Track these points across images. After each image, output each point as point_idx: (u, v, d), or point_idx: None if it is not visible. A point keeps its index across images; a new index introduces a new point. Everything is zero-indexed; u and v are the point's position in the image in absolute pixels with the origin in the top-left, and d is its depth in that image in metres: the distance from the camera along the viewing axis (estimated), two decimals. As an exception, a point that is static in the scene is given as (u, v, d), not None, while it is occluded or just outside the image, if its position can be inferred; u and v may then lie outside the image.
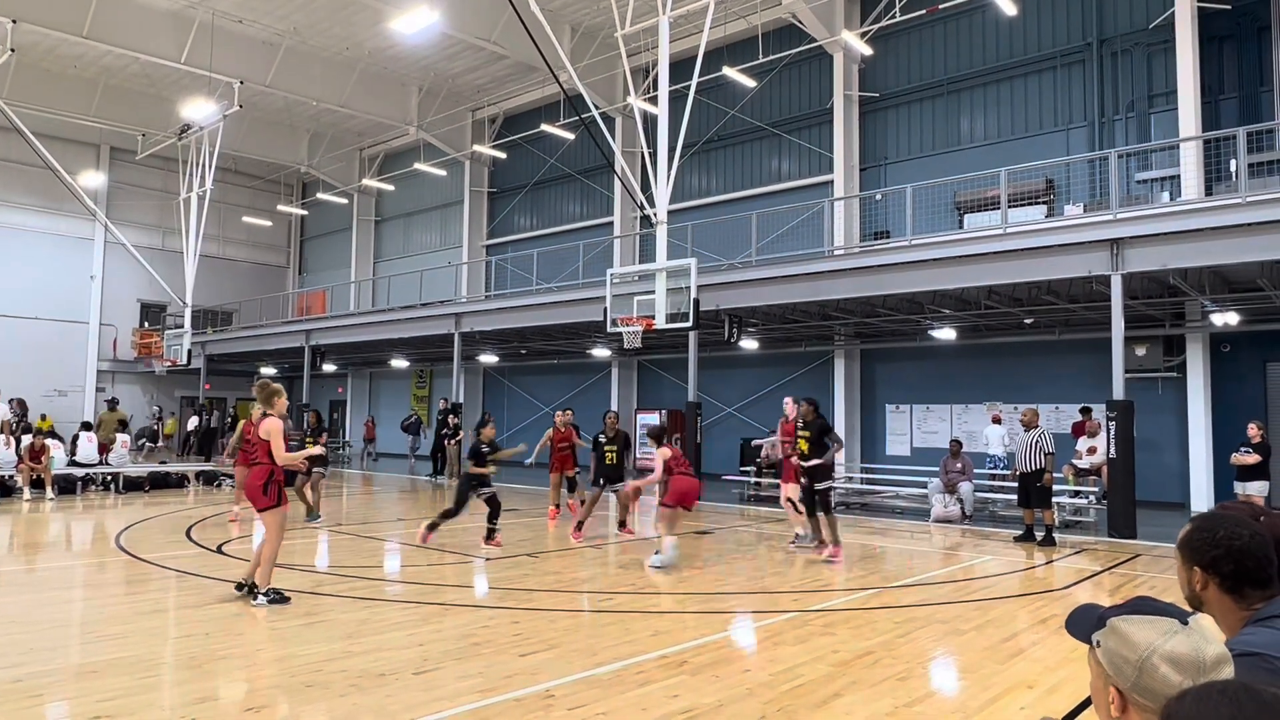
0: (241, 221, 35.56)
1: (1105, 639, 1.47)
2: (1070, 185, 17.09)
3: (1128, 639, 1.43)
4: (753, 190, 22.35)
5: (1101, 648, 1.48)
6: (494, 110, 28.92)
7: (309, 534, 11.50)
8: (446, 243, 31.06)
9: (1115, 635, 1.45)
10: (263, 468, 7.22)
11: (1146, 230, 12.01)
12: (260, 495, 7.18)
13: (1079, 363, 17.05)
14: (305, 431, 13.13)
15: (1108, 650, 1.46)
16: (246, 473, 7.39)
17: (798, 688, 5.04)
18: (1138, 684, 1.39)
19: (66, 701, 4.68)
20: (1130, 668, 1.41)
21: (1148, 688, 1.38)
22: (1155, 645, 1.39)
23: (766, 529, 13.11)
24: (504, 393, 28.92)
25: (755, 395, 22.19)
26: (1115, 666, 1.43)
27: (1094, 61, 17.39)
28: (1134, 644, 1.42)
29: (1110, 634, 1.47)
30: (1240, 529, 2.05)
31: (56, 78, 26.49)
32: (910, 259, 14.31)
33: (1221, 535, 2.03)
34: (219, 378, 33.58)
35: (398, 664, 5.37)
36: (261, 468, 7.23)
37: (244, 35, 23.75)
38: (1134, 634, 1.43)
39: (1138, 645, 1.41)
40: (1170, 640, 1.39)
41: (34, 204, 30.89)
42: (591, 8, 21.83)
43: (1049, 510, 11.34)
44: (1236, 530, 2.04)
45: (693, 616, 7.13)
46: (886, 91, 20.30)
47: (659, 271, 13.90)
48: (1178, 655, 1.37)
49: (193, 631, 6.24)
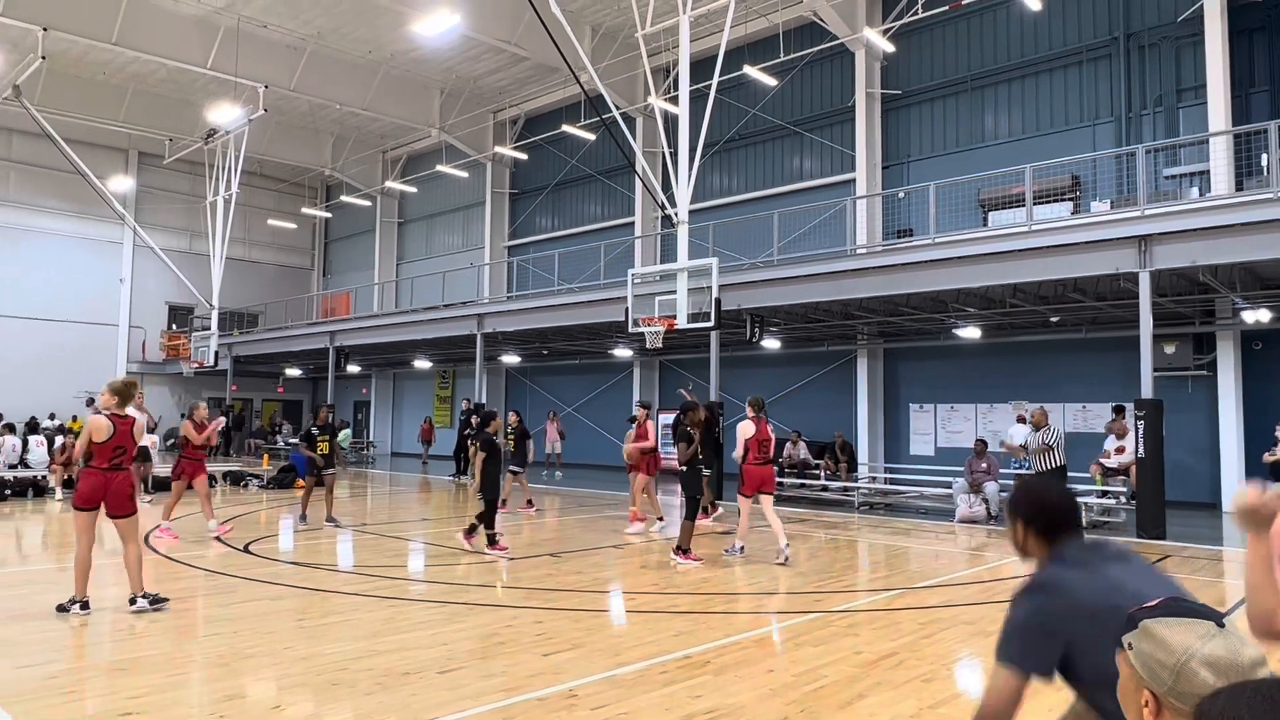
0: (267, 224, 35.95)
1: (1138, 642, 1.43)
2: (1097, 181, 16.88)
3: (1164, 643, 1.39)
4: (774, 189, 22.27)
5: (1134, 651, 1.44)
6: (515, 112, 29.03)
7: (331, 534, 11.59)
8: (469, 244, 31.22)
9: (1150, 639, 1.42)
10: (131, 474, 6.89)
11: (1175, 226, 11.84)
12: (129, 501, 6.82)
13: (1106, 361, 16.84)
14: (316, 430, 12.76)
15: (1141, 654, 1.42)
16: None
17: (821, 689, 5.02)
18: (1174, 688, 1.36)
19: (97, 699, 4.75)
20: (1167, 672, 1.37)
21: (1185, 692, 1.34)
22: (1193, 649, 1.36)
23: (789, 529, 13.05)
24: (526, 393, 29.01)
25: (778, 395, 22.10)
26: (1150, 670, 1.40)
27: (1120, 56, 17.16)
28: (1171, 648, 1.38)
29: (1144, 637, 1.43)
30: (1050, 488, 2.63)
31: (86, 84, 26.92)
32: (934, 257, 14.19)
33: (1035, 495, 2.60)
34: (245, 379, 33.97)
35: (422, 663, 5.41)
36: (130, 474, 6.90)
37: (269, 40, 24.01)
38: (1170, 638, 1.39)
39: (1174, 649, 1.38)
40: (1208, 644, 1.36)
41: (64, 208, 31.41)
42: (612, 8, 21.85)
43: None
44: (1046, 489, 2.62)
45: (715, 617, 7.11)
46: (909, 89, 20.15)
47: (680, 271, 13.88)
48: (1216, 659, 1.34)
49: (220, 630, 6.31)
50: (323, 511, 12.40)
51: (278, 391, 36.39)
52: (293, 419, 36.07)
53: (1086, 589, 2.31)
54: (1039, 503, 2.57)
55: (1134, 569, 2.40)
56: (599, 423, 25.80)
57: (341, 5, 22.39)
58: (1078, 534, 2.54)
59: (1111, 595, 2.22)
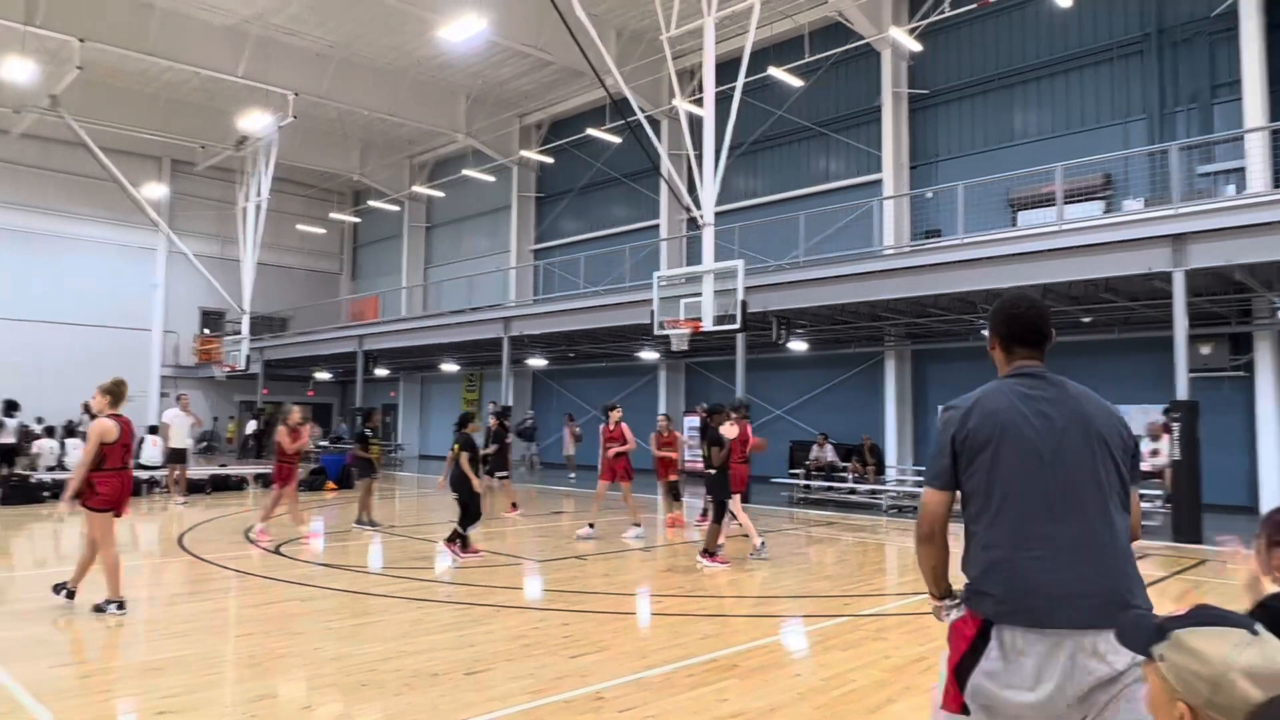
0: (296, 230, 36.39)
1: (1170, 654, 1.39)
2: (1129, 180, 16.63)
3: (1199, 654, 1.35)
4: (800, 191, 22.17)
5: (1166, 662, 1.39)
6: (541, 116, 29.16)
7: (360, 535, 11.70)
8: (495, 247, 31.40)
9: (1183, 650, 1.37)
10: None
11: (1210, 225, 11.63)
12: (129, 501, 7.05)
13: (1140, 362, 16.57)
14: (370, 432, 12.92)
15: (1175, 666, 1.38)
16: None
17: (849, 693, 4.98)
18: (1212, 700, 1.31)
19: (133, 697, 4.83)
20: (1204, 684, 1.33)
21: (1224, 705, 1.30)
22: (1230, 660, 1.32)
23: (816, 532, 12.99)
24: (552, 395, 29.11)
25: (804, 397, 22.00)
26: (1185, 683, 1.35)
27: (1153, 52, 16.89)
28: (1207, 659, 1.34)
29: (1177, 649, 1.38)
30: (1021, 301, 2.60)
31: (121, 94, 27.43)
32: (962, 258, 14.05)
33: (1007, 304, 2.60)
34: (276, 383, 34.38)
35: (450, 664, 5.44)
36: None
37: (298, 48, 24.33)
38: (1205, 648, 1.35)
39: (1211, 660, 1.33)
40: (1245, 653, 1.32)
41: (100, 216, 32.01)
42: (636, 11, 21.89)
43: None
44: (1018, 301, 2.60)
45: (742, 620, 7.09)
46: (936, 88, 19.98)
47: (706, 273, 13.86)
48: (1254, 668, 1.30)
49: (252, 630, 6.40)
50: (354, 513, 12.52)
51: (307, 395, 36.80)
52: (322, 422, 36.45)
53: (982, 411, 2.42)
54: (1003, 312, 2.59)
55: (1058, 407, 2.42)
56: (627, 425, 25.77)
57: (369, 12, 22.62)
58: (1035, 354, 2.54)
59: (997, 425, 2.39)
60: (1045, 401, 2.41)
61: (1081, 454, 2.35)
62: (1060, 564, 2.28)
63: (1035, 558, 2.30)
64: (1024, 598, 2.28)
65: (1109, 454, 2.37)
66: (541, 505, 16.20)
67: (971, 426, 2.42)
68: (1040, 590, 2.27)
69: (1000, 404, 2.42)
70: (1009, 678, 2.26)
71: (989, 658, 2.30)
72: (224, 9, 22.38)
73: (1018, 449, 2.36)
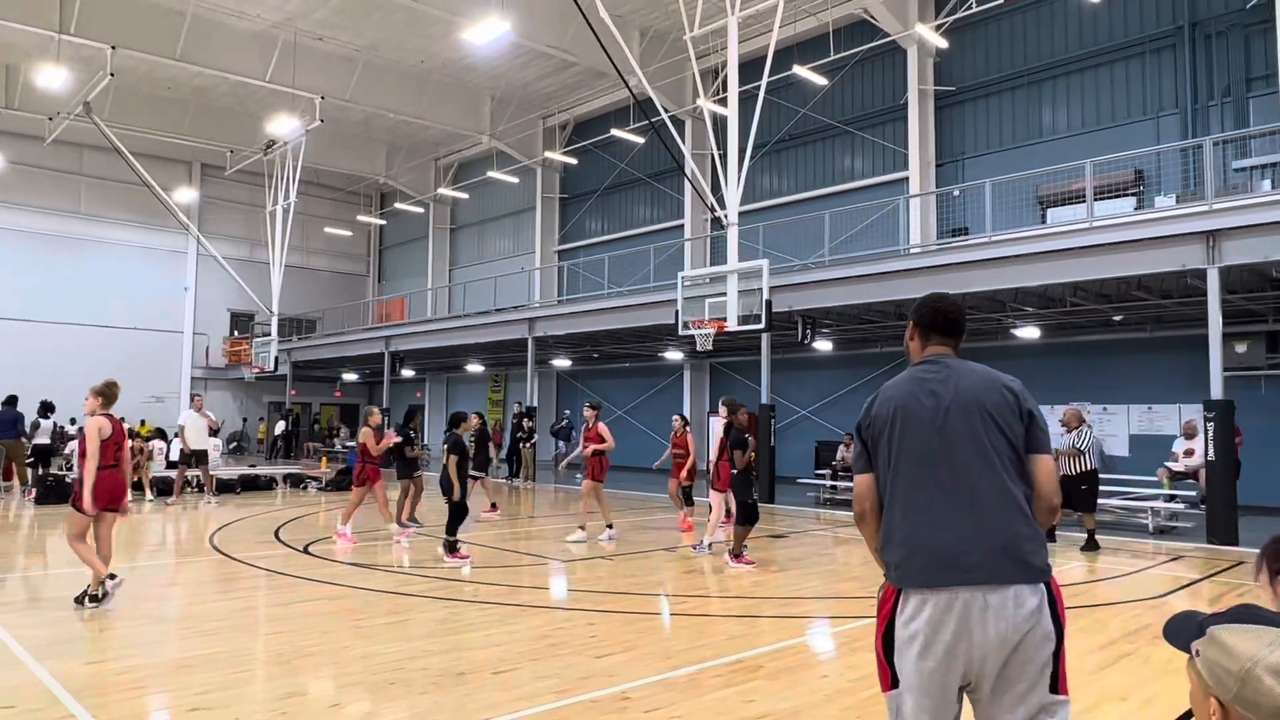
0: (323, 232, 36.77)
1: (1205, 649, 1.41)
2: (1161, 176, 16.36)
3: (1229, 649, 1.36)
4: (825, 189, 22.05)
5: (1201, 658, 1.41)
6: (564, 117, 29.24)
7: (388, 536, 11.78)
8: (519, 249, 31.53)
9: (1216, 645, 1.39)
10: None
11: (1245, 221, 11.40)
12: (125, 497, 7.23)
13: (1173, 361, 16.29)
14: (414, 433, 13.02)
15: (1208, 661, 1.39)
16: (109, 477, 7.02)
17: (877, 695, 4.92)
18: (1240, 695, 1.33)
19: (166, 694, 4.90)
20: (1232, 679, 1.34)
21: (1251, 700, 1.31)
22: (1259, 656, 1.33)
23: (842, 533, 12.91)
24: (577, 396, 29.17)
25: (830, 397, 21.88)
26: (1216, 677, 1.37)
27: (1185, 45, 16.61)
28: (1236, 655, 1.35)
29: (1210, 644, 1.40)
30: (945, 298, 2.76)
31: (152, 99, 27.87)
32: (990, 256, 13.90)
33: (931, 298, 2.77)
34: (304, 384, 34.79)
35: (476, 663, 5.46)
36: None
37: (324, 52, 24.58)
38: (1236, 644, 1.36)
39: (1240, 656, 1.34)
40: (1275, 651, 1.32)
41: (132, 220, 32.56)
42: (660, 11, 21.88)
43: (1090, 514, 11.15)
44: (942, 297, 2.76)
45: (768, 621, 7.05)
46: (963, 85, 19.78)
47: (730, 273, 13.82)
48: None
49: (280, 629, 6.46)
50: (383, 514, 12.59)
51: (335, 396, 37.18)
52: (350, 423, 36.82)
53: (882, 398, 2.63)
54: (927, 306, 2.75)
55: (945, 385, 2.56)
56: (650, 426, 25.81)
57: (394, 16, 22.81)
58: (945, 344, 2.70)
59: (894, 408, 2.58)
60: (936, 382, 2.58)
61: (964, 425, 2.49)
62: (944, 527, 2.44)
63: (921, 523, 2.48)
64: (914, 561, 2.46)
65: (994, 423, 2.49)
66: (565, 506, 16.23)
67: (874, 413, 2.64)
68: (926, 552, 2.44)
69: (897, 390, 2.63)
70: (912, 639, 2.42)
71: (898, 625, 2.48)
72: (252, 14, 22.68)
73: (910, 427, 2.55)
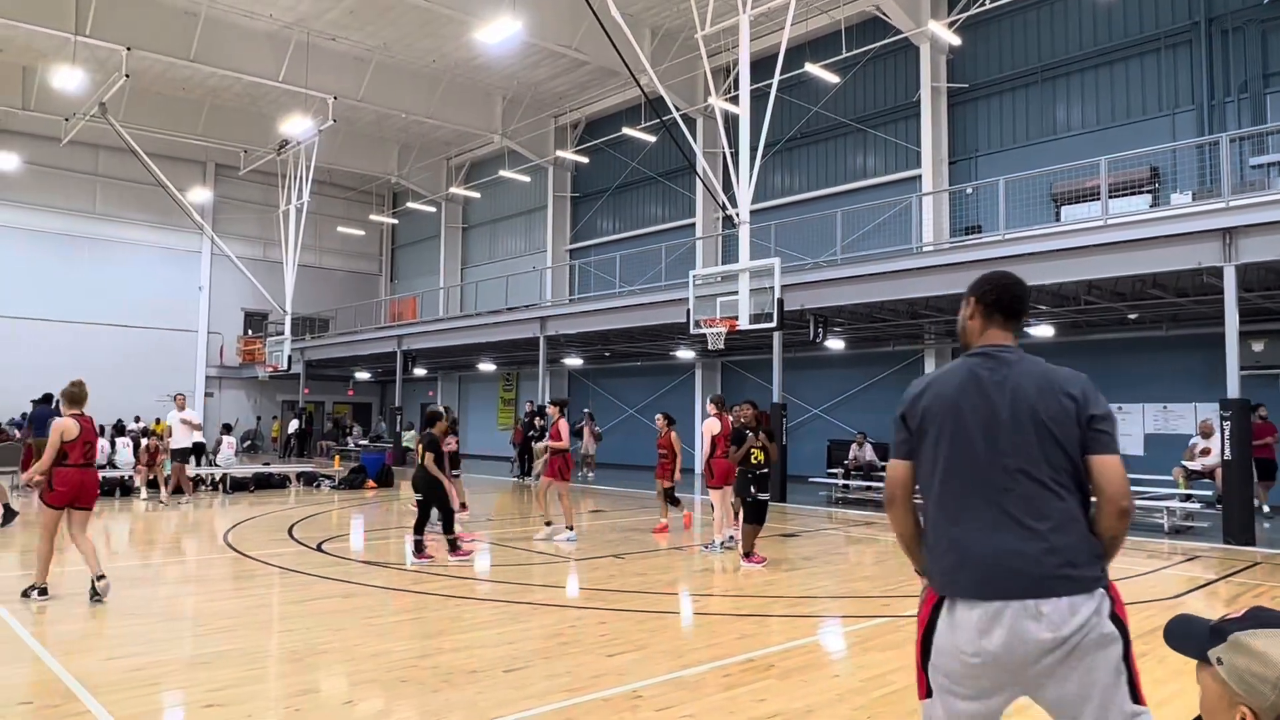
0: (336, 232, 36.93)
1: (1231, 656, 1.36)
2: (1177, 173, 16.22)
3: (1264, 656, 1.32)
4: (837, 187, 21.98)
5: (1226, 665, 1.36)
6: (576, 116, 29.26)
7: (399, 535, 11.82)
8: (531, 248, 31.58)
9: (1246, 653, 1.34)
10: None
11: (1263, 218, 11.29)
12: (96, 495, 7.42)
13: (1189, 359, 16.17)
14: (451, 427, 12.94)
15: (1237, 669, 1.34)
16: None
17: (890, 694, 4.92)
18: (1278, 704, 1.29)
19: (181, 690, 4.93)
20: (1269, 687, 1.30)
21: None
22: None
23: (854, 532, 12.87)
24: (588, 394, 29.19)
25: (842, 396, 21.82)
26: (1248, 686, 1.32)
27: (1201, 41, 16.47)
28: (1273, 662, 1.30)
29: (1238, 651, 1.35)
30: (1010, 276, 2.63)
31: (166, 100, 28.07)
32: (1003, 254, 13.80)
33: (996, 274, 2.62)
34: (317, 382, 34.95)
35: (488, 661, 5.47)
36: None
37: (337, 52, 24.69)
38: (1269, 650, 1.31)
39: (1275, 662, 1.30)
40: None
41: (147, 220, 32.79)
42: (671, 10, 21.86)
43: None
44: (1007, 274, 2.63)
45: (780, 620, 7.04)
46: (976, 82, 19.68)
47: (742, 272, 13.80)
48: None
49: (294, 626, 6.50)
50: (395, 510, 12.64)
51: (348, 394, 37.33)
52: (363, 421, 36.97)
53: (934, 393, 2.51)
54: (991, 281, 2.60)
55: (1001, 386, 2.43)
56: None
57: (406, 16, 22.88)
58: (1009, 328, 2.55)
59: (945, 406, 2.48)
60: (992, 383, 2.45)
61: (1018, 434, 2.39)
62: (996, 536, 2.35)
63: (972, 530, 2.38)
64: (961, 570, 2.37)
65: (1049, 434, 2.36)
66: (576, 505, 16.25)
67: (924, 405, 2.53)
68: (977, 560, 2.35)
69: (950, 385, 2.50)
70: (954, 649, 2.33)
71: (939, 632, 2.38)
72: (265, 15, 22.79)
73: (962, 430, 2.45)
